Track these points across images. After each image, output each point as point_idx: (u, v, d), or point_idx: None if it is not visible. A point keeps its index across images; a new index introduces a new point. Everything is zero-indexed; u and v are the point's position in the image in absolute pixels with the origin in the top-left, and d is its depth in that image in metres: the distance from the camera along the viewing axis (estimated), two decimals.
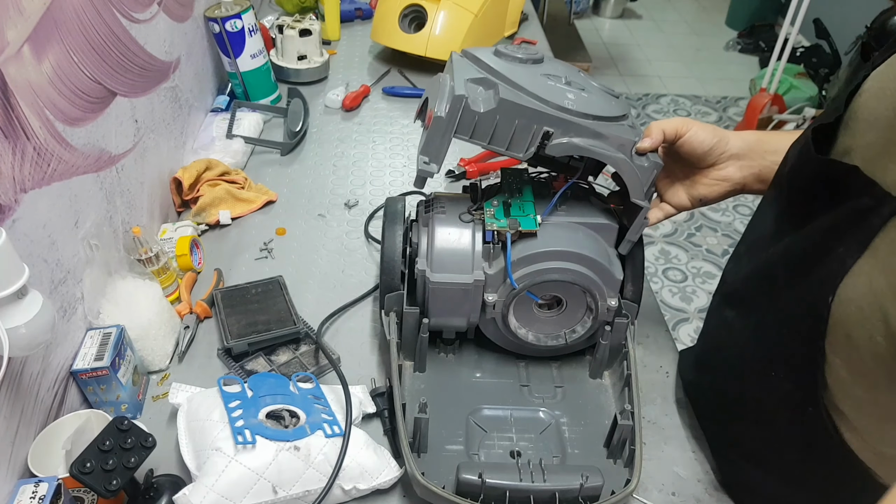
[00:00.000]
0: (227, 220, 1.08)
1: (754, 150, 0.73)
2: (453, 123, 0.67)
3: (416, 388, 0.81)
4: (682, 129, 0.72)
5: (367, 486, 0.69)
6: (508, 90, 0.68)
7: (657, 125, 0.72)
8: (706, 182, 0.75)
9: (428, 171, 0.70)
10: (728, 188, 0.75)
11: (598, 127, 0.69)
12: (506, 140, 0.69)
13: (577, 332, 0.79)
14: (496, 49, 0.74)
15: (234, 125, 1.25)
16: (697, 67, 3.77)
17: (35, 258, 0.68)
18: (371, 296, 0.97)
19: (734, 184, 0.74)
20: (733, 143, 0.73)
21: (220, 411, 0.69)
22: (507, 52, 0.73)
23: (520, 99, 0.67)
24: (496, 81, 0.69)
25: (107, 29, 0.84)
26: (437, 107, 0.67)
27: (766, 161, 0.72)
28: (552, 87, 0.70)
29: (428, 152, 0.70)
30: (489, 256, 0.74)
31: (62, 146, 0.73)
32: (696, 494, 0.73)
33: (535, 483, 0.63)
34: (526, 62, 0.73)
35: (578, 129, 0.68)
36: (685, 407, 0.83)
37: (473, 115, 0.67)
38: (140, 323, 0.81)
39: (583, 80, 0.75)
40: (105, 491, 0.60)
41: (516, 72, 0.70)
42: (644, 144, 0.70)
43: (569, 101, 0.68)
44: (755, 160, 0.73)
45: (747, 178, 0.74)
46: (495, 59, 0.72)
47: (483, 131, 0.68)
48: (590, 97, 0.71)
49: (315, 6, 1.63)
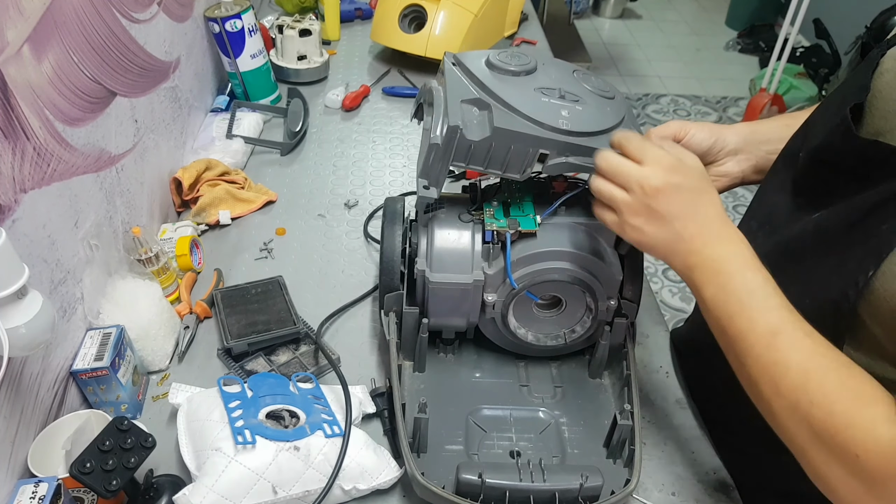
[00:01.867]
0: (226, 220, 1.08)
1: (749, 143, 0.74)
2: (450, 152, 0.68)
3: (415, 388, 0.81)
4: (679, 133, 0.73)
5: (367, 486, 0.69)
6: (502, 114, 0.68)
7: (656, 133, 0.72)
8: None
9: (429, 196, 0.71)
10: (727, 183, 0.75)
11: (593, 143, 0.68)
12: (502, 163, 0.69)
13: (576, 332, 0.79)
14: (488, 59, 0.73)
15: (234, 125, 1.25)
16: (697, 67, 3.77)
17: (35, 258, 0.68)
18: (371, 296, 0.97)
19: (733, 178, 0.75)
20: (730, 139, 0.74)
21: (220, 411, 0.69)
22: (500, 65, 0.72)
23: (513, 124, 0.67)
24: (489, 102, 0.69)
25: (107, 29, 0.84)
26: (432, 130, 0.68)
27: (761, 152, 0.74)
28: (546, 105, 0.69)
29: (427, 176, 0.70)
30: (489, 256, 0.74)
31: (62, 146, 0.73)
32: (696, 494, 0.74)
33: (535, 483, 0.63)
34: (519, 74, 0.72)
35: (574, 148, 0.68)
36: (685, 407, 0.83)
37: (468, 143, 0.67)
38: (140, 323, 0.81)
39: (577, 85, 0.74)
40: (105, 491, 0.60)
41: (509, 89, 0.70)
42: None
43: (563, 121, 0.68)
44: (752, 153, 0.74)
45: (745, 170, 0.75)
46: (488, 74, 0.72)
47: (479, 157, 0.69)
48: (584, 110, 0.70)
49: (315, 6, 1.63)
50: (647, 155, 0.61)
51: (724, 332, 0.57)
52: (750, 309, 0.55)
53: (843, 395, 0.50)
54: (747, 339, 0.54)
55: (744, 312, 0.55)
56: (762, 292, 0.56)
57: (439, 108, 0.69)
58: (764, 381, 0.53)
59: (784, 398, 0.52)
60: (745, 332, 0.55)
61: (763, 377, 0.53)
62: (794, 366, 0.52)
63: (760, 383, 0.54)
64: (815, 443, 0.50)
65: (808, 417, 0.50)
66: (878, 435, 0.47)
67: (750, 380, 0.55)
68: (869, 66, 0.59)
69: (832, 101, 0.65)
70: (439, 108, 0.69)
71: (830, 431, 0.49)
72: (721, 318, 0.57)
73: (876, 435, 0.47)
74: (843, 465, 0.48)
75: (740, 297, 0.56)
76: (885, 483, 0.46)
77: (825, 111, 0.65)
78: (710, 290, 0.58)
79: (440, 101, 0.70)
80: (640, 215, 0.61)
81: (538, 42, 1.74)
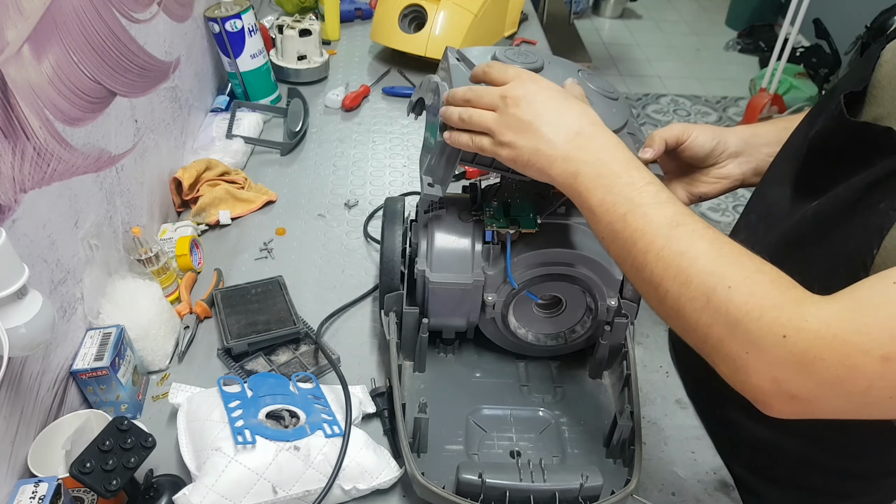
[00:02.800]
0: (226, 220, 1.08)
1: (750, 145, 0.74)
2: (458, 150, 0.67)
3: (415, 388, 0.81)
4: (682, 135, 0.73)
5: (367, 486, 0.69)
6: None
7: (658, 135, 0.72)
8: (707, 181, 0.75)
9: (434, 195, 0.70)
10: (728, 185, 0.75)
11: None
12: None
13: (576, 331, 0.79)
14: (495, 55, 0.71)
15: (233, 125, 1.25)
16: (697, 67, 3.77)
17: (35, 258, 0.68)
18: (371, 296, 0.97)
19: (734, 180, 0.75)
20: (731, 142, 0.74)
21: (220, 411, 0.69)
22: (507, 61, 0.70)
23: None
24: None
25: (107, 29, 0.84)
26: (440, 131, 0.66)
27: (761, 154, 0.74)
28: None
29: (433, 174, 0.70)
30: (489, 256, 0.74)
31: (62, 146, 0.73)
32: (696, 494, 0.74)
33: (535, 483, 0.63)
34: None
35: None
36: (685, 407, 0.83)
37: None
38: (140, 323, 0.81)
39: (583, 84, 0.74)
40: (105, 491, 0.60)
41: None
42: (646, 156, 0.70)
43: None
44: (752, 155, 0.74)
45: (746, 173, 0.75)
46: None
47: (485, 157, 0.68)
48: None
49: (315, 6, 1.63)
50: (509, 73, 0.62)
51: (618, 234, 0.54)
52: (643, 205, 0.53)
53: (762, 278, 0.48)
54: (645, 236, 0.52)
55: (637, 210, 0.53)
56: (652, 188, 0.54)
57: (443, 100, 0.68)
58: (670, 273, 0.51)
59: (696, 288, 0.49)
60: (642, 229, 0.53)
61: (668, 270, 0.51)
62: (703, 253, 0.50)
63: (666, 278, 0.51)
64: (735, 329, 0.47)
65: (727, 302, 0.47)
66: (806, 314, 0.45)
67: (653, 279, 0.52)
68: (869, 60, 0.60)
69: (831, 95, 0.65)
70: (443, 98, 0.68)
71: (754, 314, 0.46)
72: (613, 222, 0.54)
73: (804, 313, 0.45)
74: (768, 349, 0.45)
75: (630, 195, 0.54)
76: (813, 363, 0.44)
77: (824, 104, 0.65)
78: (597, 195, 0.56)
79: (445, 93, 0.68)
80: (510, 128, 0.59)
81: (538, 42, 1.74)
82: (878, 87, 0.57)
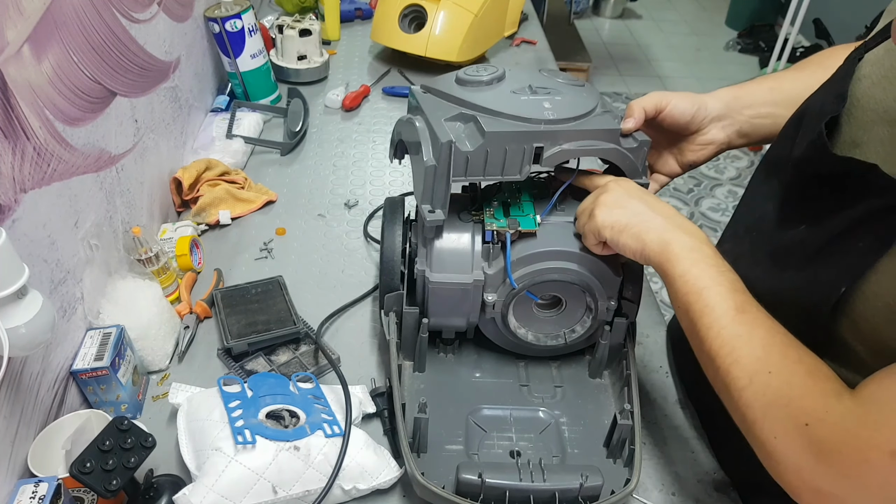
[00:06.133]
0: (227, 220, 1.08)
1: (732, 109, 0.75)
2: (448, 170, 0.68)
3: (415, 388, 0.81)
4: (661, 103, 0.74)
5: (367, 486, 0.69)
6: (489, 120, 0.69)
7: (637, 104, 0.73)
8: (693, 148, 0.77)
9: (437, 220, 0.70)
10: (714, 150, 0.77)
11: (581, 125, 0.70)
12: (500, 167, 0.70)
13: (576, 331, 0.79)
14: (457, 77, 0.75)
15: (234, 125, 1.25)
16: (697, 67, 3.77)
17: (35, 258, 0.68)
18: (371, 296, 0.97)
19: (720, 144, 0.76)
20: (712, 106, 0.75)
21: (220, 411, 0.69)
22: (470, 79, 0.73)
23: (503, 125, 0.68)
24: (472, 114, 0.70)
25: (107, 29, 0.84)
26: (424, 154, 0.68)
27: (744, 117, 0.75)
28: (527, 101, 0.70)
29: (430, 200, 0.71)
30: (489, 256, 0.74)
31: (62, 146, 0.73)
32: (696, 494, 0.74)
33: (535, 483, 0.63)
34: (491, 83, 0.73)
35: (566, 134, 0.69)
36: (685, 407, 0.83)
37: (464, 156, 0.68)
38: (140, 323, 0.81)
39: (548, 80, 0.76)
40: (105, 491, 0.60)
41: (487, 98, 0.71)
42: (628, 125, 0.71)
43: (548, 112, 0.69)
44: (735, 118, 0.75)
45: (730, 135, 0.76)
46: (461, 90, 0.73)
47: (476, 167, 0.69)
48: (563, 99, 0.71)
49: (315, 6, 1.63)
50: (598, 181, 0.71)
51: (691, 307, 0.58)
52: (720, 285, 0.57)
53: (800, 368, 0.51)
54: (714, 312, 0.56)
55: (713, 288, 0.57)
56: (731, 275, 0.59)
57: (424, 134, 0.71)
58: (725, 351, 0.54)
59: (742, 368, 0.53)
60: (714, 305, 0.56)
61: (724, 348, 0.55)
62: (756, 338, 0.54)
63: (721, 355, 0.55)
64: (768, 412, 0.50)
65: (765, 386, 0.51)
66: (830, 406, 0.47)
67: (710, 353, 0.56)
68: (847, 73, 0.59)
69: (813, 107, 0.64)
70: (424, 133, 0.71)
71: (784, 400, 0.49)
72: (689, 293, 0.58)
73: (827, 405, 0.47)
74: (793, 434, 0.48)
75: (712, 275, 0.58)
76: (830, 454, 0.46)
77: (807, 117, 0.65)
78: (682, 266, 0.60)
79: (423, 128, 0.71)
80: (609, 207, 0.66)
81: (538, 42, 1.74)
82: (857, 106, 0.57)
